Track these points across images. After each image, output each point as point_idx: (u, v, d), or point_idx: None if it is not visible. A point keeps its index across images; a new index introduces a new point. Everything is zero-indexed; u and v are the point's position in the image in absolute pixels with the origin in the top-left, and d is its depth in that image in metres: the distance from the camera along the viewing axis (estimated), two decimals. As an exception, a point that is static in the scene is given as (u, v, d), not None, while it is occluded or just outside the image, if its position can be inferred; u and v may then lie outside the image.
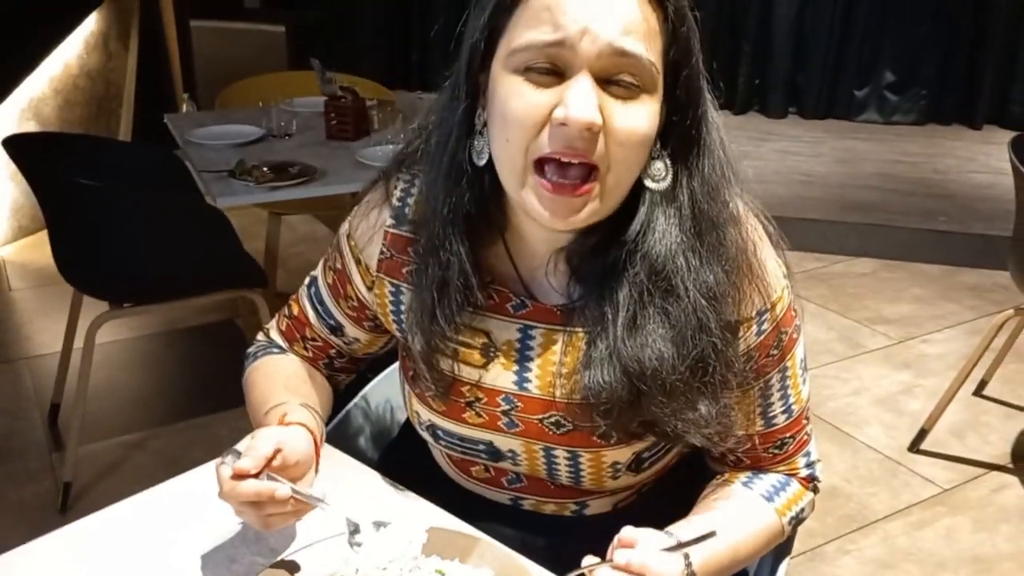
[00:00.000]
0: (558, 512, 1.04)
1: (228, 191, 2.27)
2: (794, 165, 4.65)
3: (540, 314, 0.96)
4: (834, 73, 5.38)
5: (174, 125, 2.81)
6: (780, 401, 0.98)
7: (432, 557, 0.90)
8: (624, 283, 0.88)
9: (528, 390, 0.96)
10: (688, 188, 0.88)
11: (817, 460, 1.05)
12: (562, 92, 0.80)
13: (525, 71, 0.81)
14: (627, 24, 0.80)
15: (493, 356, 0.97)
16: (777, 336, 0.95)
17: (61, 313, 2.63)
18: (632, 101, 0.81)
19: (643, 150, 0.84)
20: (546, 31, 0.80)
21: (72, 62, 3.93)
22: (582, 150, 0.80)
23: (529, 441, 0.98)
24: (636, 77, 0.81)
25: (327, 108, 2.68)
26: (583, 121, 0.78)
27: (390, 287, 1.01)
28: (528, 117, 0.81)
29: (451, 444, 1.03)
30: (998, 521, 2.30)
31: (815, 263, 3.81)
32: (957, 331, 3.27)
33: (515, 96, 0.82)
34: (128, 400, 2.76)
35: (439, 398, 0.99)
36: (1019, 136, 2.46)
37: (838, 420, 2.71)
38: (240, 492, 0.84)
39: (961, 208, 4.08)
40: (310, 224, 3.92)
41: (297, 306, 1.12)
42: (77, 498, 2.27)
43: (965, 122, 5.31)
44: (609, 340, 0.88)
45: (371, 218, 1.02)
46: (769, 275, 0.93)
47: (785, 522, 1.00)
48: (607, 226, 0.88)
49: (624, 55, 0.80)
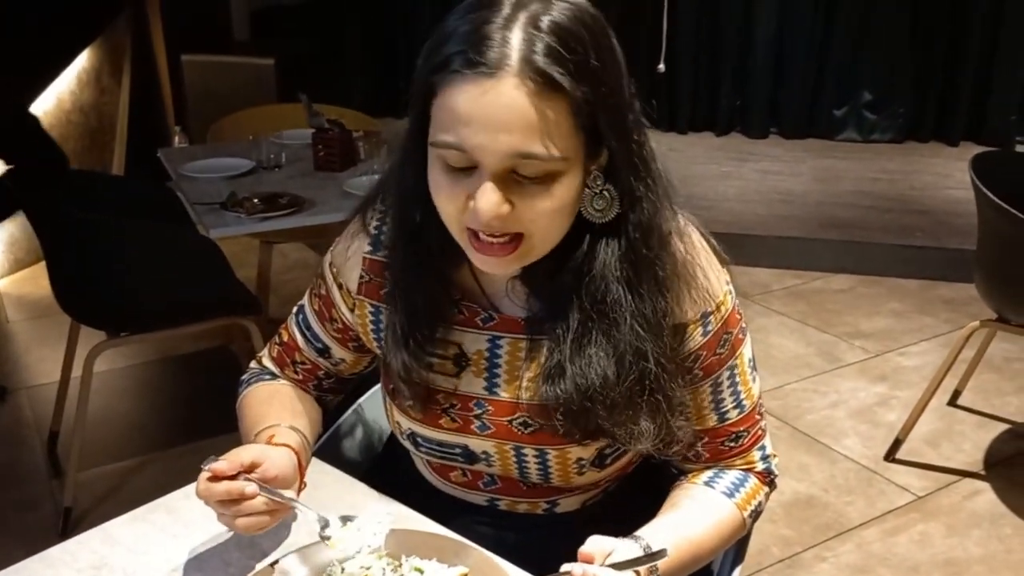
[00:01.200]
0: (531, 511, 1.13)
1: (220, 222, 2.35)
2: (774, 184, 4.75)
3: (506, 325, 1.05)
4: (813, 93, 5.49)
5: (167, 159, 2.89)
6: (731, 397, 1.07)
7: (411, 557, 0.98)
8: (573, 306, 0.97)
9: (497, 394, 1.06)
10: (625, 222, 0.95)
11: (773, 455, 1.13)
12: (472, 184, 0.88)
13: (446, 166, 0.90)
14: (524, 130, 0.85)
15: (465, 365, 1.07)
16: (723, 336, 1.04)
17: (59, 343, 2.70)
18: (542, 188, 0.88)
19: (563, 215, 0.92)
20: (450, 135, 0.87)
21: (65, 97, 4.03)
22: (500, 229, 0.90)
23: (500, 442, 1.07)
24: (540, 170, 0.87)
25: (315, 140, 2.77)
26: (489, 217, 0.87)
27: (370, 308, 1.11)
28: (451, 202, 0.91)
29: (430, 450, 1.12)
30: (970, 526, 2.37)
31: (794, 280, 3.90)
32: (933, 344, 3.36)
33: (438, 185, 0.91)
34: (125, 426, 2.82)
35: (417, 407, 1.08)
36: (979, 155, 2.57)
37: (816, 432, 2.79)
38: (213, 491, 0.94)
39: (938, 224, 4.18)
40: (301, 251, 4.00)
41: (287, 333, 1.22)
42: (77, 522, 2.33)
43: (942, 139, 5.42)
44: (560, 356, 0.98)
45: (351, 246, 1.11)
46: (712, 281, 1.02)
47: (746, 516, 1.09)
48: (556, 255, 0.96)
49: (525, 157, 0.86)
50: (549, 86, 0.85)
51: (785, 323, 3.51)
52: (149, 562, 1.01)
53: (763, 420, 1.12)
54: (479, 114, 0.85)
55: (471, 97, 0.85)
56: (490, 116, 0.85)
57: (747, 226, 4.10)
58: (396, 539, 1.00)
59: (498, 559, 0.99)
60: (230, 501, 0.95)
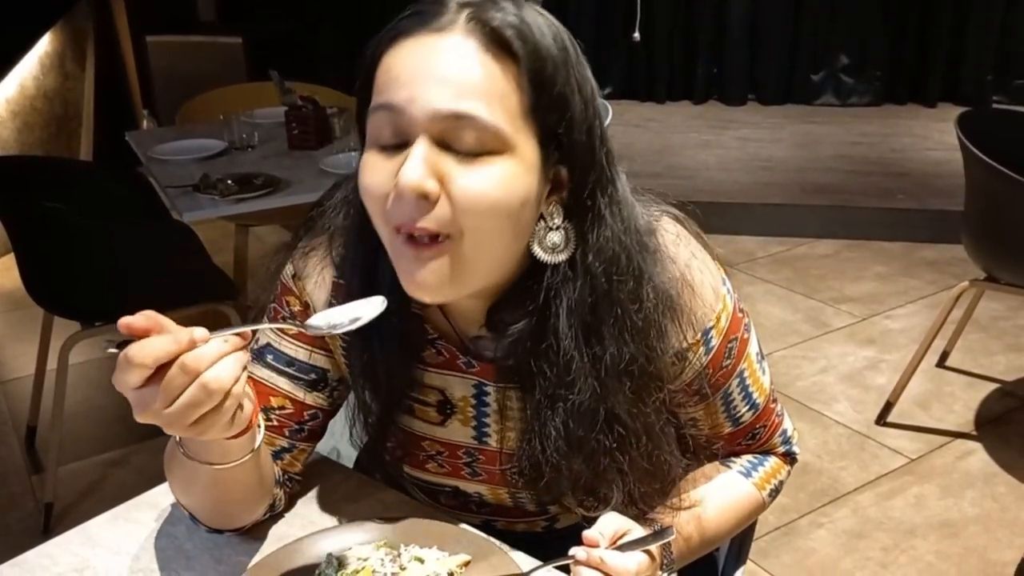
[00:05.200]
0: (529, 529, 1.08)
1: (194, 206, 2.29)
2: (755, 151, 4.72)
3: (489, 372, 0.95)
4: (790, 59, 5.46)
5: (136, 142, 2.81)
6: (743, 401, 1.00)
7: (411, 547, 0.93)
8: (533, 369, 0.87)
9: (487, 444, 0.99)
10: (583, 263, 0.84)
11: (793, 434, 1.08)
12: (401, 159, 0.77)
13: (376, 145, 0.80)
14: (462, 86, 0.76)
15: (450, 413, 0.98)
16: (726, 347, 0.95)
17: (33, 335, 2.63)
18: (476, 163, 0.77)
19: (501, 216, 0.78)
20: (381, 99, 0.78)
21: (28, 84, 3.91)
22: (423, 221, 0.77)
23: (494, 487, 1.02)
24: (476, 140, 0.76)
25: (288, 118, 2.70)
26: (410, 186, 0.75)
27: (341, 341, 0.98)
28: (375, 189, 0.79)
29: (416, 484, 1.06)
30: (964, 487, 2.37)
31: (779, 247, 3.88)
32: (919, 305, 3.35)
33: (365, 171, 0.80)
34: (106, 418, 2.76)
35: (400, 452, 1.01)
36: (966, 113, 2.53)
37: (807, 398, 2.77)
38: (148, 350, 0.70)
39: (918, 185, 4.17)
40: (278, 234, 3.92)
41: (251, 382, 0.94)
42: (59, 519, 2.28)
43: (919, 101, 5.41)
44: (530, 420, 0.91)
45: (317, 267, 0.98)
46: (707, 292, 0.92)
47: (765, 495, 1.04)
48: (516, 302, 0.87)
49: (458, 118, 0.76)
50: (501, 48, 0.77)
51: (771, 290, 3.49)
52: (134, 563, 0.96)
53: (778, 406, 1.06)
54: (415, 67, 0.77)
55: (410, 52, 0.78)
56: (426, 68, 0.77)
57: (729, 194, 4.07)
58: (394, 528, 0.95)
59: (500, 544, 0.95)
60: (178, 371, 0.70)
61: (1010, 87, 5.30)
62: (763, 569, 2.10)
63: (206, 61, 4.47)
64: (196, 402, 0.71)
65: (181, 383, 0.71)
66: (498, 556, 0.92)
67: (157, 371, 0.71)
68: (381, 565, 0.91)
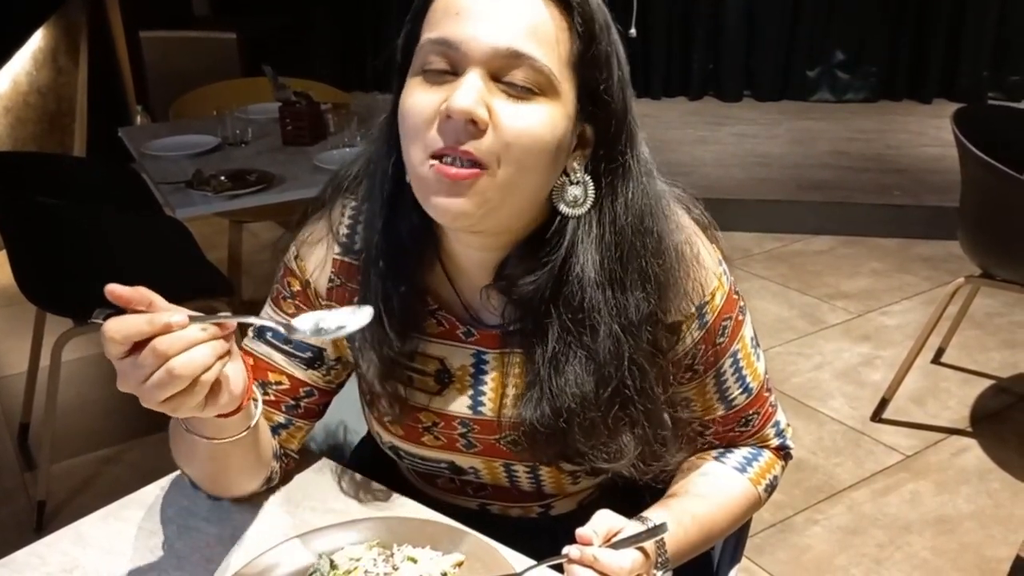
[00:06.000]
0: (524, 515, 1.08)
1: (186, 202, 2.27)
2: (751, 147, 4.72)
3: (489, 340, 0.97)
4: (786, 55, 5.46)
5: (129, 138, 2.79)
6: (736, 384, 1.01)
7: (404, 546, 0.93)
8: (551, 317, 0.89)
9: (483, 413, 0.99)
10: (611, 216, 0.87)
11: (786, 427, 1.08)
12: (451, 88, 0.80)
13: (423, 72, 0.82)
14: (520, 26, 0.80)
15: (448, 382, 0.99)
16: (720, 325, 0.97)
17: (25, 332, 2.62)
18: (524, 102, 0.80)
19: (538, 155, 0.81)
20: (436, 31, 0.81)
21: (21, 79, 3.90)
22: (467, 146, 0.79)
23: (489, 459, 1.01)
24: (529, 79, 0.80)
25: (282, 114, 2.69)
26: (462, 109, 0.78)
27: None
28: (419, 113, 0.81)
29: (414, 462, 1.05)
30: (959, 483, 2.37)
31: (774, 243, 3.87)
32: (914, 302, 3.35)
33: (410, 95, 0.82)
34: (99, 415, 2.75)
35: (396, 423, 1.01)
36: (961, 109, 2.53)
37: (802, 395, 2.77)
38: (125, 326, 0.71)
39: (914, 181, 4.17)
40: (272, 231, 3.91)
41: (252, 356, 1.02)
42: (52, 516, 2.27)
43: (915, 97, 5.42)
44: (535, 376, 0.91)
45: (319, 246, 1.00)
46: (703, 270, 0.94)
47: (761, 490, 1.04)
48: (530, 256, 0.88)
49: (516, 56, 0.79)
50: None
51: (767, 286, 3.49)
52: (125, 562, 0.95)
53: (772, 395, 1.06)
54: (475, 5, 0.80)
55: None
56: (486, 7, 0.80)
57: (725, 190, 4.07)
58: (387, 527, 0.95)
59: (494, 543, 0.94)
60: (149, 353, 0.71)
61: (1006, 83, 5.31)
62: (759, 566, 2.10)
63: (200, 56, 4.46)
64: (162, 384, 0.72)
65: (151, 364, 0.72)
66: (492, 556, 0.91)
67: (136, 346, 0.72)
68: (374, 565, 0.90)
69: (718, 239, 0.99)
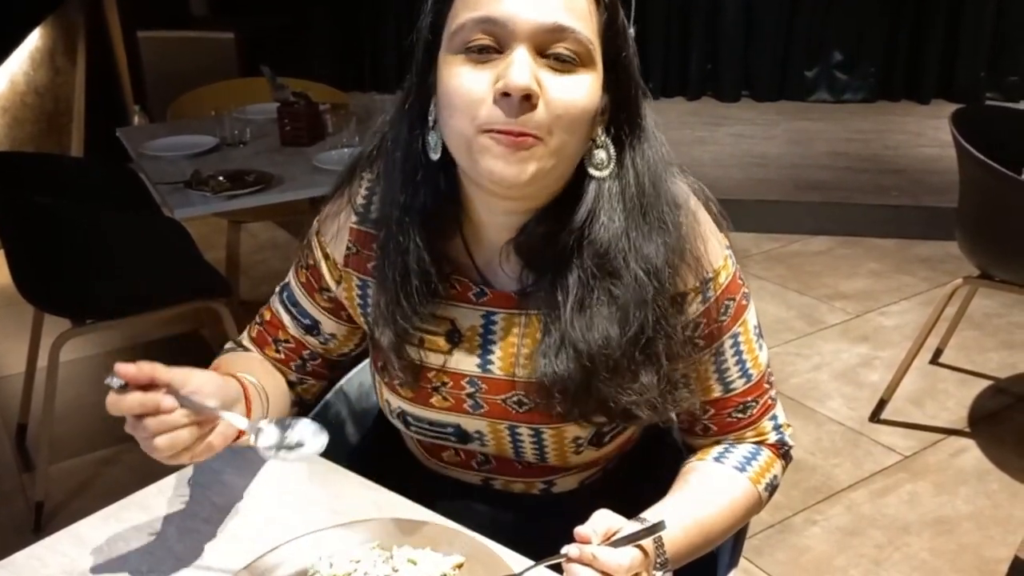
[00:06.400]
0: (527, 491, 1.09)
1: (185, 202, 2.27)
2: (749, 148, 4.72)
3: (500, 300, 1.00)
4: (784, 55, 5.47)
5: (127, 138, 2.79)
6: (736, 366, 1.02)
7: (403, 547, 0.92)
8: (572, 268, 0.92)
9: (491, 372, 1.01)
10: (632, 172, 0.93)
11: (786, 424, 1.08)
12: (500, 66, 0.84)
13: (465, 51, 0.85)
14: (558, 2, 0.84)
15: (458, 342, 1.01)
16: (723, 304, 0.99)
17: (23, 333, 2.61)
18: (569, 74, 0.85)
19: (583, 123, 0.87)
20: (481, 11, 0.84)
21: (19, 79, 3.89)
22: (522, 121, 0.83)
23: (494, 421, 1.02)
24: (572, 50, 0.85)
25: (280, 114, 2.68)
26: (521, 86, 0.82)
27: (357, 281, 1.05)
28: (469, 93, 0.84)
29: (421, 429, 1.06)
30: (957, 483, 2.37)
31: (773, 243, 3.87)
32: (912, 302, 3.35)
33: (455, 76, 0.85)
34: (97, 416, 2.74)
35: (407, 386, 1.03)
36: (960, 110, 2.53)
37: (801, 395, 2.77)
38: (123, 404, 0.84)
39: (912, 182, 4.18)
40: (271, 231, 3.91)
41: (269, 312, 1.14)
42: (51, 517, 2.26)
43: (913, 97, 5.42)
44: (560, 325, 0.93)
45: (338, 217, 1.05)
46: (710, 248, 0.98)
47: (761, 489, 1.04)
48: (554, 215, 0.92)
49: (560, 30, 0.83)
50: None
51: (765, 287, 3.49)
52: (124, 564, 0.95)
53: (773, 390, 1.07)
54: None
55: None
56: None
57: (724, 191, 3.99)
58: (387, 528, 0.94)
59: (493, 544, 0.94)
60: (145, 415, 0.85)
61: (1004, 83, 5.31)
62: (757, 567, 2.10)
63: (198, 56, 4.45)
64: (149, 450, 0.87)
65: (141, 435, 0.86)
66: (491, 557, 0.91)
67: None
68: (374, 567, 0.90)
69: (728, 233, 1.02)
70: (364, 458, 1.19)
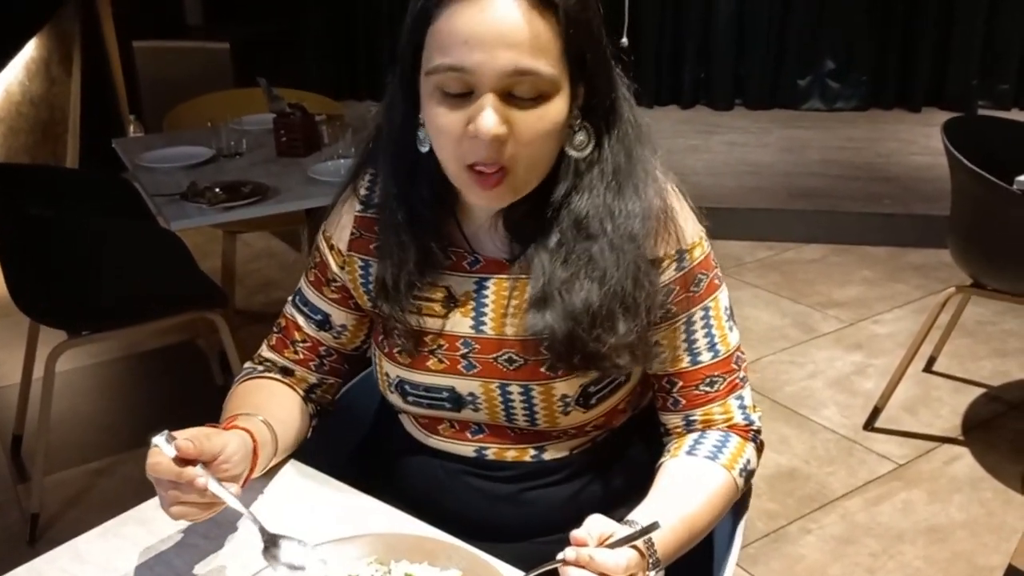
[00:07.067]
0: (519, 458, 1.12)
1: (181, 214, 2.28)
2: (742, 156, 4.74)
3: (492, 267, 1.08)
4: (776, 63, 5.49)
5: (123, 149, 2.79)
6: (705, 339, 1.08)
7: (401, 561, 0.93)
8: (555, 233, 1.02)
9: (484, 332, 1.08)
10: (609, 151, 1.01)
11: (752, 407, 1.12)
12: (472, 109, 0.92)
13: (442, 94, 0.93)
14: (520, 46, 0.89)
15: (453, 306, 1.09)
16: (696, 276, 1.06)
17: (19, 343, 2.61)
18: (535, 107, 0.93)
19: (550, 142, 0.96)
20: (448, 58, 0.91)
21: (14, 89, 3.90)
22: (494, 158, 0.93)
23: (486, 380, 1.07)
24: (536, 89, 0.92)
25: (276, 125, 2.69)
26: (490, 134, 0.90)
27: (360, 263, 1.13)
28: (450, 132, 0.94)
29: (418, 398, 1.11)
30: (951, 491, 2.38)
31: (766, 251, 3.89)
32: (905, 310, 3.37)
33: (435, 116, 0.94)
34: (92, 427, 2.75)
35: (406, 352, 1.10)
36: (951, 120, 2.55)
37: (795, 404, 2.78)
38: (163, 469, 0.91)
39: (905, 190, 4.20)
40: (266, 240, 3.92)
41: (284, 319, 1.21)
42: (46, 528, 2.26)
43: (905, 105, 5.45)
44: (545, 282, 1.02)
45: (342, 211, 1.14)
46: (686, 225, 1.06)
47: (735, 475, 1.07)
48: (537, 192, 1.00)
49: (523, 73, 0.90)
50: (542, 3, 0.90)
51: (759, 295, 3.50)
52: (122, 580, 0.95)
53: (741, 372, 1.11)
54: (477, 32, 0.89)
55: (468, 16, 0.89)
56: (488, 33, 0.89)
57: (717, 199, 4.08)
58: (384, 543, 0.95)
59: (491, 559, 0.95)
60: (167, 494, 0.92)
61: (995, 91, 5.35)
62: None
63: (193, 66, 4.46)
64: (162, 503, 0.94)
65: (161, 493, 0.93)
66: (489, 572, 0.92)
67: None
68: (371, 581, 0.91)
69: (704, 223, 1.09)
70: (363, 454, 1.27)
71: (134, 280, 2.32)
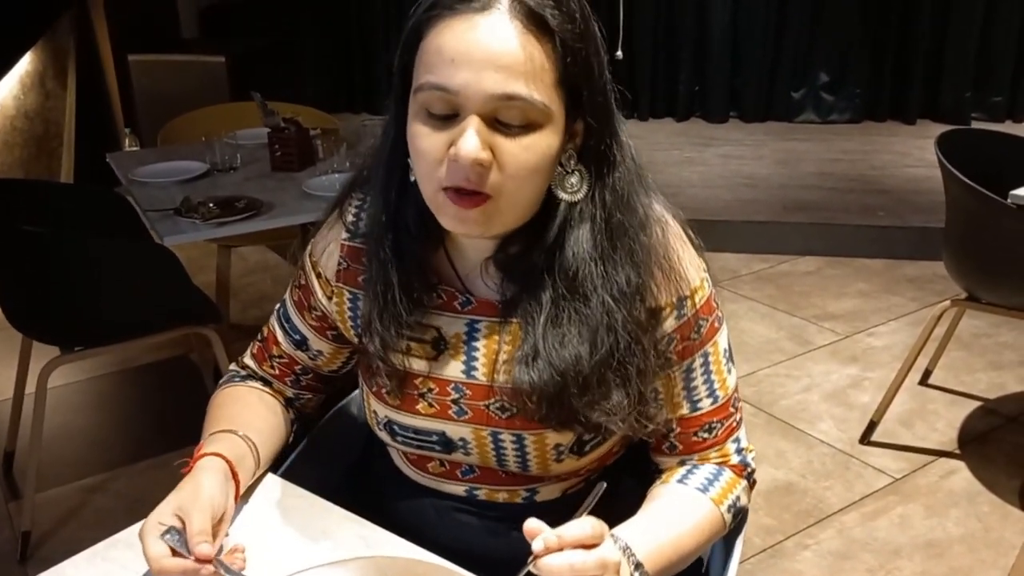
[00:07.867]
0: (510, 500, 1.10)
1: (175, 229, 2.27)
2: (737, 168, 4.75)
3: (484, 309, 1.03)
4: (771, 76, 5.51)
5: (117, 164, 2.79)
6: (704, 386, 1.05)
7: (393, 585, 0.92)
8: (546, 286, 0.96)
9: (475, 377, 1.03)
10: (601, 199, 0.95)
11: (749, 448, 1.11)
12: (455, 131, 0.87)
13: (427, 114, 0.89)
14: (510, 69, 0.85)
15: (443, 349, 1.04)
16: (696, 323, 1.02)
17: (11, 359, 2.60)
18: (522, 136, 0.88)
19: (536, 177, 0.90)
20: (433, 76, 0.86)
21: (8, 103, 3.89)
22: (475, 182, 0.88)
23: (478, 427, 1.04)
24: (524, 116, 0.87)
25: (271, 140, 2.69)
26: (470, 158, 0.85)
27: (348, 295, 1.09)
28: (429, 154, 0.89)
29: (407, 439, 1.08)
30: (948, 506, 2.37)
31: (761, 264, 3.89)
32: (901, 323, 3.37)
33: (417, 136, 0.90)
34: (84, 443, 2.73)
35: (394, 393, 1.06)
36: (945, 133, 2.55)
37: (790, 417, 2.78)
38: (166, 567, 0.90)
39: (899, 202, 4.21)
40: (261, 253, 3.91)
41: (268, 329, 1.20)
42: (37, 546, 2.24)
43: (899, 118, 5.47)
44: (535, 337, 0.97)
45: (329, 236, 1.10)
46: (687, 268, 1.01)
47: (723, 511, 1.05)
48: (528, 235, 0.96)
49: (510, 98, 0.85)
50: (538, 26, 0.86)
51: (754, 308, 3.50)
52: (111, 603, 0.94)
53: (738, 413, 1.09)
54: (465, 50, 0.85)
55: (458, 33, 0.85)
56: (477, 53, 0.85)
57: (712, 211, 4.09)
58: (376, 567, 0.94)
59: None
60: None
61: (988, 104, 5.36)
62: (749, 592, 2.10)
63: (188, 79, 4.46)
64: None
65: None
66: (482, 594, 0.91)
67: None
68: (364, 604, 0.89)
69: (705, 257, 1.05)
70: (354, 478, 1.24)
71: (128, 296, 2.31)
